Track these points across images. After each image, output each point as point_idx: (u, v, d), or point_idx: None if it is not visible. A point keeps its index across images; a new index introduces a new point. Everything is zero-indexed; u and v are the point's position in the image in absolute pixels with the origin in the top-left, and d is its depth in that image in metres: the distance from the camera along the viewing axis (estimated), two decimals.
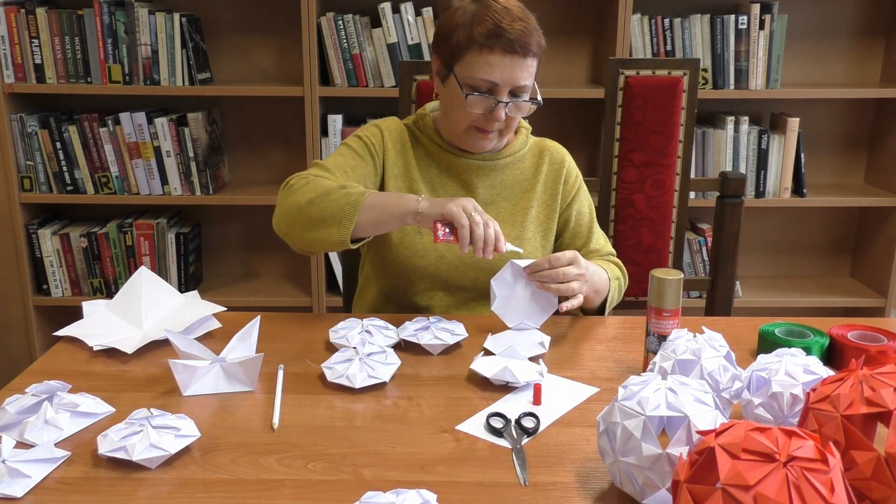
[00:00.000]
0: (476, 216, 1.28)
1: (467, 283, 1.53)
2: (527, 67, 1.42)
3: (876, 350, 1.24)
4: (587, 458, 1.01)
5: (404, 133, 1.57)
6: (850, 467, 0.80)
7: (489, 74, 1.40)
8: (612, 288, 1.53)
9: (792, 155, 2.65)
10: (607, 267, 1.55)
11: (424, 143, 1.56)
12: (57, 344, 1.35)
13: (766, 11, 2.53)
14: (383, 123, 1.58)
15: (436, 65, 1.50)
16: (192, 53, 2.50)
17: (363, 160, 1.51)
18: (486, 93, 1.43)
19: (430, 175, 1.55)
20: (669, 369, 1.06)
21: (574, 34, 2.71)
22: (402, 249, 1.52)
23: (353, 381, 1.17)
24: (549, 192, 1.59)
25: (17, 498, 0.91)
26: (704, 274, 2.71)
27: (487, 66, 1.40)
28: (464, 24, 1.42)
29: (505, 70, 1.40)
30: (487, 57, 1.40)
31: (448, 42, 1.44)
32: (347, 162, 1.49)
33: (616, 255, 1.65)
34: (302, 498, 0.92)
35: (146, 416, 1.02)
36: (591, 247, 1.61)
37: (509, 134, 1.52)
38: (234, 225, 2.87)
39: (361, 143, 1.53)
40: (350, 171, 1.48)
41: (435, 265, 1.51)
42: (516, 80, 1.41)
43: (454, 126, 1.49)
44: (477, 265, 1.51)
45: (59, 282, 2.66)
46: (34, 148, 2.54)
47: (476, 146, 1.51)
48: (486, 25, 1.39)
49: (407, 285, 1.54)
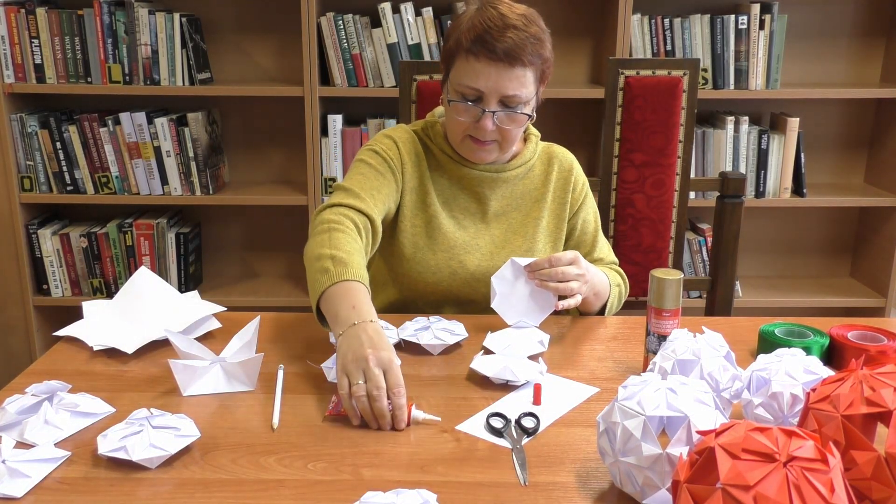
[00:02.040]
0: (359, 388, 1.06)
1: (478, 297, 1.52)
2: (516, 77, 1.37)
3: (876, 350, 1.24)
4: (587, 458, 1.01)
5: (416, 143, 1.54)
6: (850, 467, 0.80)
7: (474, 82, 1.38)
8: (612, 294, 1.52)
9: (792, 155, 2.65)
10: (609, 273, 1.55)
11: (436, 154, 1.53)
12: (57, 344, 1.35)
13: (766, 11, 2.53)
14: (395, 134, 1.54)
15: (441, 70, 1.49)
16: (192, 53, 2.50)
17: (385, 178, 1.46)
18: (473, 101, 1.40)
19: (443, 187, 1.53)
20: (669, 369, 1.06)
21: (574, 34, 2.71)
22: (415, 265, 1.50)
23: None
24: (559, 202, 1.57)
25: (17, 498, 0.91)
26: (704, 274, 2.71)
27: (473, 72, 1.38)
28: (457, 29, 1.40)
29: (490, 78, 1.37)
30: (473, 64, 1.37)
31: (445, 48, 1.44)
32: (372, 183, 1.44)
33: (619, 264, 1.65)
34: (302, 498, 0.92)
35: (146, 416, 1.02)
36: (595, 255, 1.60)
37: (511, 146, 1.48)
38: (234, 225, 2.87)
39: (380, 158, 1.48)
40: (376, 193, 1.43)
41: (447, 281, 1.50)
42: (503, 89, 1.38)
43: (452, 135, 1.48)
44: (487, 280, 1.41)
45: (59, 282, 2.66)
46: (34, 148, 2.54)
47: (474, 157, 1.48)
48: (476, 31, 1.36)
49: (416, 298, 1.54)
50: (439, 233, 1.50)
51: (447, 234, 1.51)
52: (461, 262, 1.50)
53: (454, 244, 1.51)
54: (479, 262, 1.51)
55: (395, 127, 1.58)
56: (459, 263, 1.50)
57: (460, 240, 1.51)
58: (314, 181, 2.56)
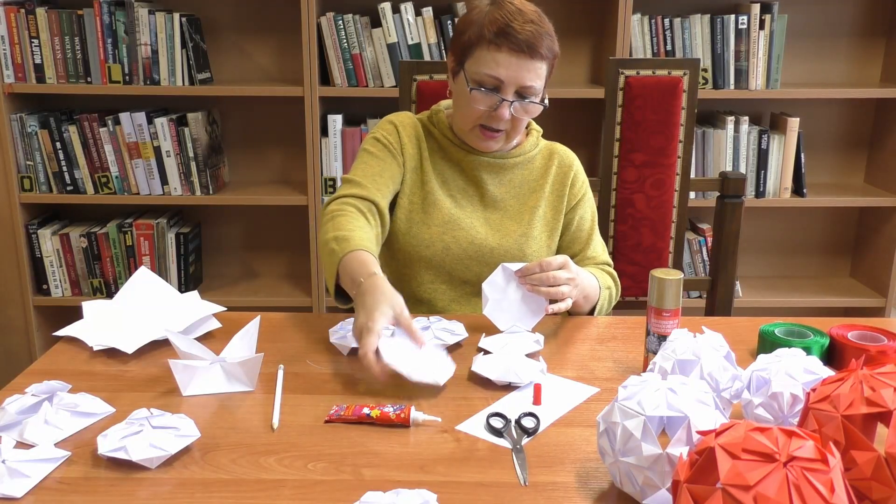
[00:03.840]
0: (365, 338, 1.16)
1: (471, 276, 1.55)
2: (534, 69, 1.43)
3: (876, 350, 1.23)
4: (587, 458, 1.01)
5: (418, 127, 1.60)
6: (850, 467, 0.80)
7: (495, 71, 1.42)
8: (601, 296, 1.54)
9: (792, 155, 2.65)
10: (600, 275, 1.57)
11: (437, 138, 1.58)
12: (57, 344, 1.35)
13: (766, 11, 2.53)
14: (396, 118, 1.60)
15: (450, 62, 1.53)
16: (192, 53, 2.50)
17: (385, 162, 1.54)
18: (491, 90, 1.44)
19: (442, 168, 1.57)
20: (669, 369, 1.06)
21: (574, 34, 2.71)
22: (410, 238, 1.54)
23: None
24: (557, 194, 1.60)
25: (17, 498, 0.91)
26: (704, 274, 2.71)
27: (494, 62, 1.42)
28: (477, 21, 1.45)
29: (511, 68, 1.42)
30: (495, 54, 1.42)
31: (461, 38, 1.47)
32: (373, 169, 1.52)
33: (613, 265, 1.65)
34: (302, 498, 0.92)
35: (146, 416, 1.02)
36: (587, 253, 1.62)
37: (517, 136, 1.54)
38: (234, 225, 2.87)
39: (380, 144, 1.55)
40: (378, 178, 1.51)
41: (440, 255, 1.53)
42: (522, 79, 1.43)
43: (462, 123, 1.52)
44: (481, 259, 1.54)
45: (59, 282, 2.66)
46: (34, 148, 2.54)
47: (482, 145, 1.53)
48: (497, 24, 1.42)
49: (411, 276, 1.56)
50: (435, 208, 1.54)
51: (443, 209, 1.54)
52: (454, 237, 1.53)
53: (448, 219, 1.54)
54: (473, 239, 1.54)
55: (399, 112, 1.64)
56: (453, 238, 1.53)
57: (455, 216, 1.55)
58: (314, 181, 2.56)
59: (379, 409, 1.08)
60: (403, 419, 1.07)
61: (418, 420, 1.08)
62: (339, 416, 1.09)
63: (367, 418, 1.08)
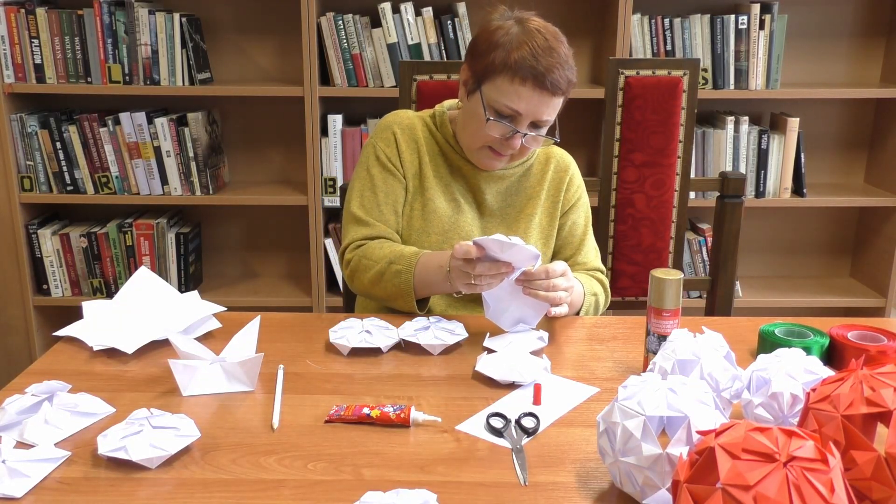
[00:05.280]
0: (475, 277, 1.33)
1: None
2: (553, 105, 1.44)
3: (876, 350, 1.24)
4: (587, 458, 1.01)
5: (418, 128, 1.58)
6: (850, 467, 0.80)
7: (516, 104, 1.41)
8: (586, 302, 1.53)
9: (792, 155, 2.65)
10: (586, 281, 1.56)
11: (439, 141, 1.58)
12: (57, 344, 1.35)
13: (766, 11, 2.53)
14: (396, 121, 1.59)
15: (464, 75, 1.50)
16: (192, 53, 2.50)
17: (388, 184, 1.54)
18: (507, 119, 1.44)
19: (442, 172, 1.57)
20: (669, 369, 1.06)
21: (574, 34, 2.70)
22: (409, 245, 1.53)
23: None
24: (552, 200, 1.60)
25: (17, 498, 0.91)
26: (704, 274, 2.71)
27: (516, 95, 1.41)
28: (503, 45, 1.41)
29: (532, 103, 1.41)
30: (518, 87, 1.40)
31: (483, 59, 1.43)
32: (378, 198, 1.53)
33: (605, 272, 1.65)
34: (302, 498, 0.92)
35: (146, 416, 1.02)
36: (578, 259, 1.62)
37: (520, 159, 1.55)
38: (234, 225, 2.87)
39: (379, 165, 1.55)
40: (383, 206, 1.53)
41: None
42: (540, 114, 1.43)
43: (470, 142, 1.50)
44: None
45: (59, 282, 2.66)
46: (34, 148, 2.54)
47: (486, 165, 1.53)
48: (523, 55, 1.39)
49: None
50: (434, 216, 1.54)
51: (442, 217, 1.54)
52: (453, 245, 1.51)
53: (448, 227, 1.54)
54: None
55: (399, 111, 1.62)
56: (451, 247, 1.51)
57: (454, 222, 1.55)
58: (314, 181, 2.56)
59: (379, 409, 1.08)
60: (403, 419, 1.07)
61: (418, 420, 1.08)
62: (339, 416, 1.09)
63: (367, 418, 1.08)
